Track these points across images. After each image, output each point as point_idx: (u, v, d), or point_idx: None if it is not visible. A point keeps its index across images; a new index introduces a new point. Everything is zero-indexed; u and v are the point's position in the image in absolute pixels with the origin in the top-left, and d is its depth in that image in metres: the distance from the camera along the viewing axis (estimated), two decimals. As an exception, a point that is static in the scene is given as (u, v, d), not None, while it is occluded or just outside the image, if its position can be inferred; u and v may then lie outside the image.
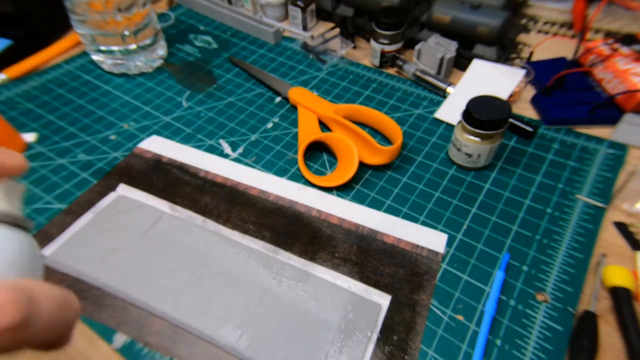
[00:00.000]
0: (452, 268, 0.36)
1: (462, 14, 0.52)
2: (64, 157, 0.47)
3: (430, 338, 0.32)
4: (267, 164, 0.46)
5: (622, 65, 0.48)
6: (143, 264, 0.37)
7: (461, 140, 0.41)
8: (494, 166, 0.44)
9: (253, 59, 0.61)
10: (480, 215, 0.40)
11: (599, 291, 0.34)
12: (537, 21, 0.64)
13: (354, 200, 0.42)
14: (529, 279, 0.35)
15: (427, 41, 0.54)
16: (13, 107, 0.53)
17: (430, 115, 0.50)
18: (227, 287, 0.35)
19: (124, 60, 0.57)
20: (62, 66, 0.60)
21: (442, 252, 0.37)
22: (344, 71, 0.58)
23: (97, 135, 0.50)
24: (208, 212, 0.41)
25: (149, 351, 0.32)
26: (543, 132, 0.47)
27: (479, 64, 0.52)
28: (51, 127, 0.51)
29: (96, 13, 0.51)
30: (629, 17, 0.61)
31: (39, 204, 0.42)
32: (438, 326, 0.32)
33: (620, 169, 0.42)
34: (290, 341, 0.31)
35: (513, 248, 0.37)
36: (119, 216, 0.40)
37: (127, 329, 0.33)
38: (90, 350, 0.32)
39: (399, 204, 0.41)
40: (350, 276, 0.35)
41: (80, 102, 0.54)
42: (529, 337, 0.31)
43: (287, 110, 0.53)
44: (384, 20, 0.53)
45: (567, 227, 0.38)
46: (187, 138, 0.49)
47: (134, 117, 0.52)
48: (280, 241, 0.38)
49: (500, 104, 0.40)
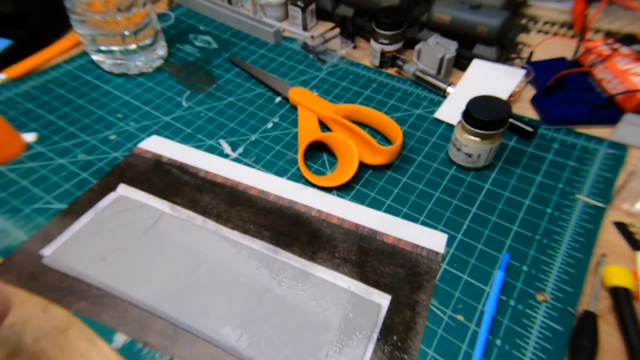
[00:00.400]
0: (452, 268, 0.36)
1: (462, 14, 0.52)
2: (64, 157, 0.47)
3: (430, 338, 0.32)
4: (267, 164, 0.46)
5: (622, 65, 0.48)
6: (143, 264, 0.37)
7: (461, 140, 0.41)
8: (494, 166, 0.44)
9: (253, 59, 0.61)
10: (480, 215, 0.40)
11: (599, 291, 0.34)
12: (537, 21, 0.64)
13: (354, 200, 0.42)
14: (529, 279, 0.35)
15: (427, 41, 0.54)
16: (13, 107, 0.53)
17: (430, 115, 0.50)
18: (227, 287, 0.35)
19: (124, 60, 0.57)
20: (62, 66, 0.60)
21: (442, 252, 0.37)
22: (344, 71, 0.58)
23: (97, 135, 0.50)
24: (208, 212, 0.41)
25: (149, 351, 0.32)
26: (543, 132, 0.47)
27: (479, 64, 0.52)
28: (51, 127, 0.51)
29: (96, 13, 0.51)
30: (629, 17, 0.61)
31: (39, 204, 0.42)
32: (438, 326, 0.32)
33: (620, 169, 0.42)
34: (290, 341, 0.31)
35: (513, 248, 0.37)
36: (119, 216, 0.40)
37: (127, 329, 0.33)
38: (90, 350, 0.32)
39: (399, 204, 0.41)
40: (350, 276, 0.35)
41: (80, 102, 0.54)
42: (529, 337, 0.31)
43: (287, 110, 0.53)
44: (384, 20, 0.53)
45: (567, 227, 0.38)
46: (187, 138, 0.49)
47: (134, 117, 0.52)
48: (280, 241, 0.38)
49: (500, 104, 0.40)
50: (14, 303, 0.35)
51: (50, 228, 0.40)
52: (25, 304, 0.35)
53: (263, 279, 0.35)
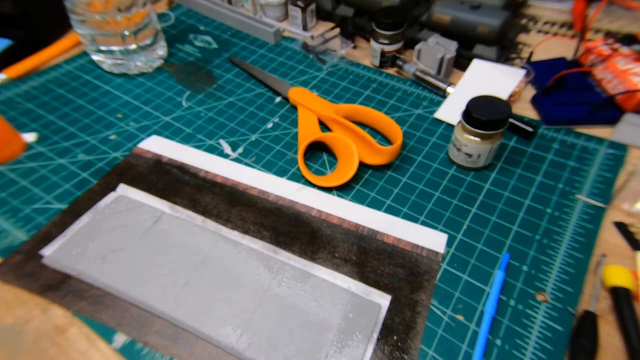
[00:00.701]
0: (452, 268, 0.36)
1: (462, 14, 0.52)
2: (64, 157, 0.47)
3: (430, 338, 0.32)
4: (267, 164, 0.46)
5: (622, 65, 0.48)
6: (143, 264, 0.37)
7: (461, 140, 0.41)
8: (494, 166, 0.44)
9: (253, 59, 0.61)
10: (480, 215, 0.40)
11: (599, 291, 0.34)
12: (537, 21, 0.64)
13: (354, 200, 0.42)
14: (529, 279, 0.35)
15: (427, 41, 0.54)
16: (13, 107, 0.53)
17: (430, 115, 0.50)
18: (227, 287, 0.35)
19: (124, 60, 0.57)
20: (62, 66, 0.60)
21: (442, 252, 0.37)
22: (344, 71, 0.58)
23: (97, 135, 0.50)
24: (208, 212, 0.41)
25: (149, 351, 0.32)
26: (543, 132, 0.47)
27: (479, 64, 0.52)
28: (51, 127, 0.51)
29: (96, 13, 0.51)
30: (629, 17, 0.61)
31: (39, 204, 0.42)
32: (438, 326, 0.32)
33: (620, 169, 0.42)
34: (290, 341, 0.31)
35: (513, 248, 0.37)
36: (119, 216, 0.40)
37: (127, 329, 0.33)
38: (90, 350, 0.32)
39: (399, 204, 0.41)
40: (350, 276, 0.35)
41: (80, 102, 0.54)
42: (529, 337, 0.31)
43: (287, 110, 0.53)
44: (384, 20, 0.53)
45: (567, 227, 0.38)
46: (187, 138, 0.49)
47: (134, 117, 0.52)
48: (280, 241, 0.38)
49: (500, 104, 0.40)
50: (14, 303, 0.35)
51: (50, 228, 0.40)
52: (25, 304, 0.35)
53: (263, 279, 0.35)
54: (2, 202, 0.43)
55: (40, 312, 0.34)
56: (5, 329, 0.33)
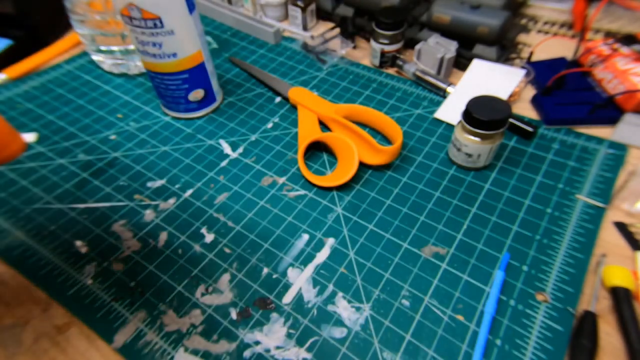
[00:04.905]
0: (452, 268, 0.36)
1: (462, 14, 0.52)
2: (64, 157, 0.47)
3: (430, 338, 0.32)
4: (267, 164, 0.46)
5: (622, 65, 0.48)
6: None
7: (461, 140, 0.41)
8: (494, 166, 0.44)
9: (253, 59, 0.61)
10: (480, 215, 0.40)
11: (599, 291, 0.34)
12: (537, 21, 0.64)
13: (354, 200, 0.42)
14: (529, 279, 0.35)
15: (427, 41, 0.54)
16: (13, 107, 0.53)
17: (430, 115, 0.50)
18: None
19: (124, 60, 0.57)
20: (62, 66, 0.60)
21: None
22: (344, 71, 0.58)
23: (97, 135, 0.50)
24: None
25: (149, 351, 0.32)
26: (543, 132, 0.47)
27: (479, 64, 0.52)
28: (51, 127, 0.51)
29: (96, 13, 0.51)
30: (629, 17, 0.61)
31: (39, 204, 0.42)
32: (438, 326, 0.32)
33: (620, 169, 0.42)
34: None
35: (513, 248, 0.37)
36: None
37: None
38: (90, 350, 0.32)
39: (399, 204, 0.41)
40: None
41: (80, 102, 0.54)
42: (529, 337, 0.31)
43: (287, 110, 0.53)
44: (384, 20, 0.53)
45: (567, 227, 0.38)
46: (187, 138, 0.49)
47: (134, 117, 0.52)
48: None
49: (500, 104, 0.40)
50: (14, 304, 0.35)
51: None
52: (25, 304, 0.35)
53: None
54: (2, 202, 0.43)
55: (40, 312, 0.34)
56: (5, 329, 0.33)
